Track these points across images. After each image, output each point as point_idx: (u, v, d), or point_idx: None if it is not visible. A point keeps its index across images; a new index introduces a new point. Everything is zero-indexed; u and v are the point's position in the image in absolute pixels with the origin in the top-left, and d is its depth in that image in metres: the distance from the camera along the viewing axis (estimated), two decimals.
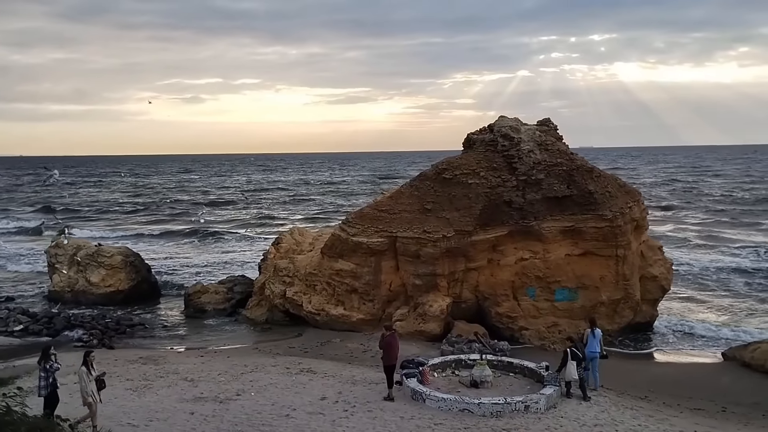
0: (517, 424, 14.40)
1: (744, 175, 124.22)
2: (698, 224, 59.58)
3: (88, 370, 13.56)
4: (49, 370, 13.51)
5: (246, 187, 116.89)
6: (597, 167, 25.71)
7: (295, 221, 65.46)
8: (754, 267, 38.33)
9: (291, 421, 14.61)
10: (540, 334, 23.98)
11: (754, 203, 74.54)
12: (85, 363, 13.66)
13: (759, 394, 18.55)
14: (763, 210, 68.07)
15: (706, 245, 47.48)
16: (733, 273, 36.98)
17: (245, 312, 28.87)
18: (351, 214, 27.17)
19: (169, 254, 47.82)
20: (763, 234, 52.61)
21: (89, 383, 13.36)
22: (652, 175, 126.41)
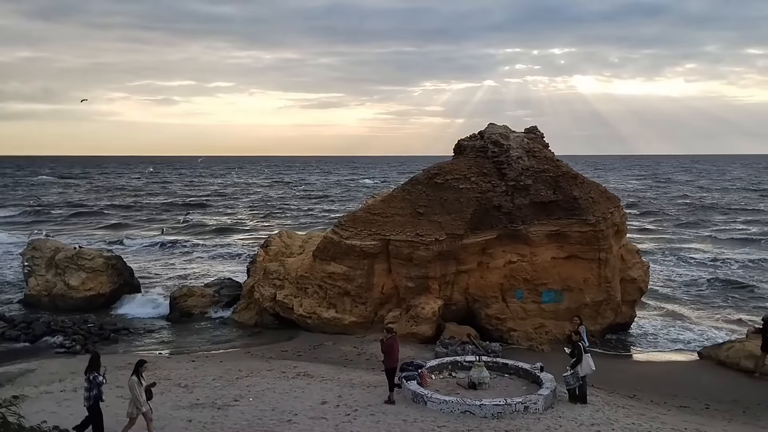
0: (518, 425, 14.78)
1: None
2: (664, 228, 61.18)
3: (139, 380, 13.52)
4: (93, 382, 13.33)
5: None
6: (581, 174, 26.32)
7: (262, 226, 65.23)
8: (714, 272, 39.40)
9: (294, 427, 14.76)
10: (528, 335, 24.51)
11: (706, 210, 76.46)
12: (136, 372, 13.60)
13: (737, 391, 19.31)
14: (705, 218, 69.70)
15: (668, 248, 48.80)
16: (696, 275, 38.18)
17: (233, 315, 28.84)
18: (343, 217, 27.41)
19: (150, 259, 47.33)
20: (721, 239, 54.23)
21: (140, 394, 13.31)
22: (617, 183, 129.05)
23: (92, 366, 13.51)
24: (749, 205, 79.15)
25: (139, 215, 77.15)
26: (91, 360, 13.70)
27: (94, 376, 13.36)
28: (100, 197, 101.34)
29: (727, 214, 70.99)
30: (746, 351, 21.15)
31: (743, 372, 20.74)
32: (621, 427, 14.83)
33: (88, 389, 13.33)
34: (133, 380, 13.43)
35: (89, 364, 13.61)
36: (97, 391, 13.34)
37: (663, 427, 15.09)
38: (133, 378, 13.48)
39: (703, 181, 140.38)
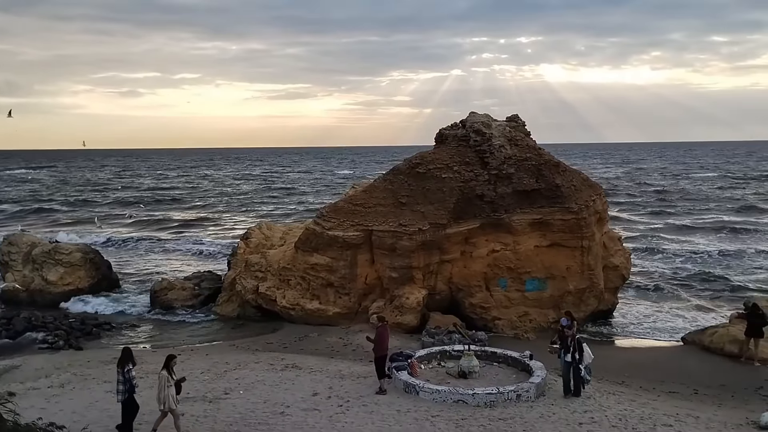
0: (511, 413, 14.84)
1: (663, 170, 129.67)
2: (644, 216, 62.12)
3: (169, 374, 13.29)
4: (126, 375, 13.32)
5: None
6: (563, 162, 26.46)
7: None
8: (690, 259, 40.13)
9: (287, 419, 14.64)
10: (512, 323, 24.62)
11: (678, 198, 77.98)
12: (166, 367, 13.38)
13: (723, 376, 19.62)
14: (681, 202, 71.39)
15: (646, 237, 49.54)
16: (672, 262, 38.84)
17: (215, 308, 28.48)
18: (325, 208, 27.18)
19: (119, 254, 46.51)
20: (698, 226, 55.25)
21: (169, 388, 13.10)
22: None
23: (126, 359, 13.52)
24: (721, 193, 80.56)
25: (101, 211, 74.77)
26: (125, 353, 13.70)
27: (128, 369, 13.38)
28: (64, 192, 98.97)
29: (698, 201, 72.22)
30: (730, 336, 21.49)
31: (728, 357, 21.05)
32: (614, 414, 14.96)
33: (122, 383, 13.34)
34: (163, 375, 13.23)
35: (122, 357, 13.58)
36: (130, 385, 13.40)
37: (655, 412, 15.27)
38: (163, 373, 13.28)
39: (677, 167, 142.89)
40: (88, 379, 17.63)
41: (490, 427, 14.09)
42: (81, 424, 13.42)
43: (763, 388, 18.38)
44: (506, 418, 14.54)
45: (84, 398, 15.86)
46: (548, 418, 14.65)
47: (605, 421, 14.57)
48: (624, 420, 14.62)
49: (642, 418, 14.78)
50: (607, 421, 14.57)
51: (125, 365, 13.45)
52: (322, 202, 75.28)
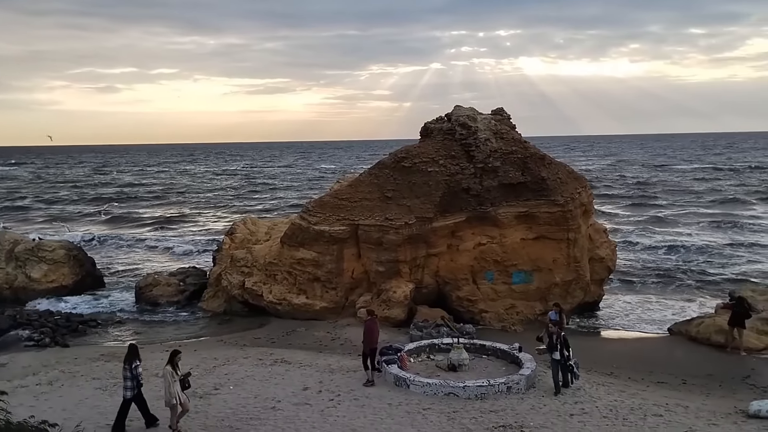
0: (502, 405, 14.90)
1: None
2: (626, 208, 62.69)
3: (174, 370, 13.15)
4: (133, 371, 13.36)
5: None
6: (548, 155, 26.54)
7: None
8: (673, 250, 40.60)
9: (279, 413, 14.59)
10: (499, 316, 24.70)
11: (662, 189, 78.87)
12: (170, 362, 13.26)
13: (710, 365, 19.83)
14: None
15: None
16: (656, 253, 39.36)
17: (201, 304, 28.24)
18: (310, 203, 27.04)
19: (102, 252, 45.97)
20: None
21: (174, 383, 12.97)
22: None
23: (133, 355, 13.57)
24: (702, 185, 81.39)
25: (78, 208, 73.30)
26: (131, 350, 13.77)
27: (135, 365, 13.45)
28: (40, 189, 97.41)
29: (680, 193, 72.91)
30: (716, 326, 21.70)
31: (714, 347, 21.25)
32: (604, 405, 15.07)
33: (130, 379, 13.43)
34: (168, 370, 13.13)
35: (129, 354, 13.64)
36: (138, 381, 13.53)
37: (644, 403, 15.40)
38: (167, 368, 13.18)
39: (658, 159, 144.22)
40: (77, 376, 17.41)
41: (481, 420, 14.13)
42: (72, 421, 13.24)
43: (749, 377, 18.61)
44: (497, 410, 14.60)
45: (73, 395, 15.66)
46: (539, 410, 14.73)
47: (596, 411, 14.68)
48: (614, 411, 14.74)
49: (632, 409, 14.90)
50: (597, 411, 14.67)
51: (132, 361, 13.48)
52: (304, 197, 75.01)
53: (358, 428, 13.70)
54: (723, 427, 14.03)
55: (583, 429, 13.67)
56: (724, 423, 14.29)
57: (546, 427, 13.75)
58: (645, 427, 13.85)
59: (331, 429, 13.68)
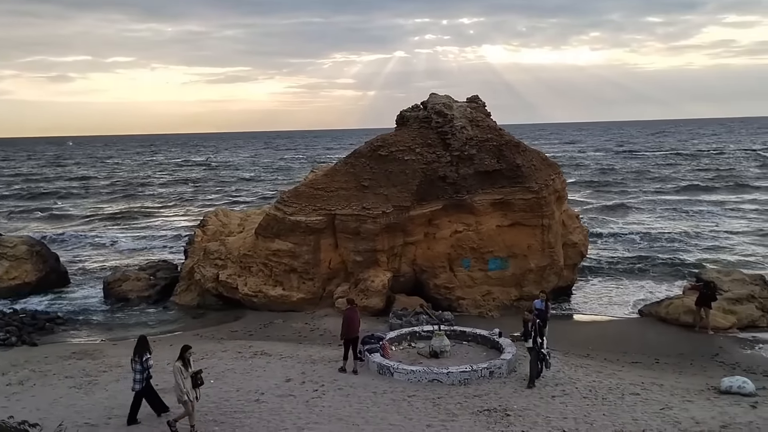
0: (486, 389, 15.06)
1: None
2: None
3: (184, 366, 12.77)
4: (144, 364, 13.17)
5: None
6: (522, 142, 26.77)
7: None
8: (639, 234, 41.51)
9: (263, 406, 14.47)
10: (476, 302, 24.92)
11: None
12: (181, 358, 12.88)
13: (681, 345, 20.39)
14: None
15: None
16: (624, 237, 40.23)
17: (174, 298, 27.81)
18: (285, 193, 26.81)
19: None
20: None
21: (185, 380, 12.61)
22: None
23: (143, 348, 13.41)
24: (665, 171, 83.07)
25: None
26: (141, 342, 13.62)
27: (146, 358, 13.30)
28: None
29: (642, 181, 74.28)
30: (685, 307, 22.30)
31: (683, 327, 21.87)
32: (584, 386, 15.36)
33: (140, 371, 13.29)
34: (177, 366, 12.73)
35: (139, 346, 13.49)
36: (148, 373, 13.40)
37: (621, 382, 15.75)
38: (177, 364, 12.78)
39: (620, 146, 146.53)
40: (48, 375, 17.01)
41: (466, 404, 14.25)
42: (49, 421, 12.89)
43: (718, 355, 19.19)
44: (481, 395, 14.75)
45: (47, 395, 15.30)
46: (521, 393, 14.93)
47: (576, 392, 14.94)
48: (594, 391, 15.04)
49: (610, 389, 15.22)
50: (578, 392, 14.95)
51: (143, 354, 13.29)
52: (271, 189, 74.47)
53: (344, 417, 13.68)
54: (697, 403, 14.40)
55: (565, 410, 13.89)
56: (698, 399, 14.69)
57: (529, 409, 13.93)
58: (623, 406, 14.15)
59: (317, 419, 13.63)
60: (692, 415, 13.47)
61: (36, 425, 11.29)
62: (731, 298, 22.53)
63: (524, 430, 12.86)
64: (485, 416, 13.57)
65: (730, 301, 22.39)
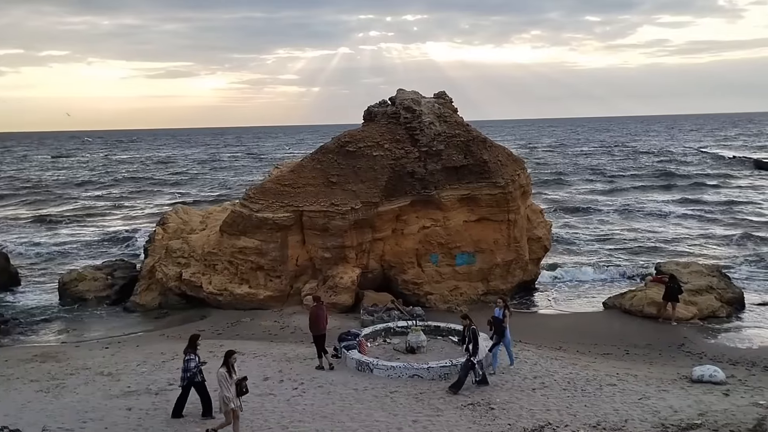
0: (467, 384, 15.05)
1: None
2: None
3: (229, 373, 12.06)
4: (185, 363, 13.11)
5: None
6: (489, 138, 26.99)
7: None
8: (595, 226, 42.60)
9: (244, 405, 14.01)
10: (444, 297, 25.03)
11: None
12: (225, 364, 12.18)
13: (647, 336, 20.95)
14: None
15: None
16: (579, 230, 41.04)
17: (134, 298, 26.91)
18: (251, 190, 26.29)
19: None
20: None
21: (230, 387, 11.93)
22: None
23: (189, 347, 13.23)
24: (611, 166, 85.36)
25: None
26: (189, 340, 13.43)
27: (188, 358, 13.00)
28: None
29: (588, 177, 76.11)
30: (648, 298, 22.92)
31: (647, 318, 22.47)
32: (562, 378, 15.58)
33: (183, 370, 13.09)
34: (222, 373, 12.06)
35: (188, 344, 13.33)
36: (191, 373, 13.05)
37: (597, 374, 16.05)
38: (221, 371, 12.10)
39: (565, 141, 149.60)
40: (12, 379, 16.23)
41: (449, 399, 14.29)
42: (21, 426, 12.27)
43: (684, 345, 19.80)
44: (463, 390, 14.76)
45: (13, 399, 14.58)
46: (502, 386, 15.06)
47: (555, 385, 15.16)
48: (572, 383, 15.28)
49: (588, 380, 15.50)
50: (557, 384, 15.16)
51: (187, 353, 13.04)
52: (223, 187, 72.98)
53: (328, 415, 13.50)
54: (672, 392, 14.79)
55: (547, 402, 14.07)
56: (672, 389, 15.08)
57: (512, 402, 14.05)
58: (603, 397, 14.42)
59: (300, 417, 13.42)
60: (670, 404, 13.82)
61: (17, 431, 10.78)
62: (691, 289, 23.25)
63: (510, 423, 12.96)
64: (470, 410, 13.63)
65: (690, 293, 23.09)
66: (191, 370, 13.01)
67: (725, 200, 53.60)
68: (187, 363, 13.07)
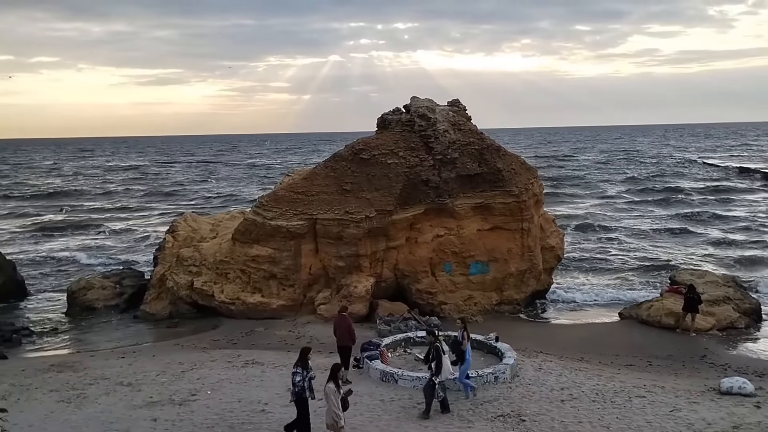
0: (494, 395, 14.90)
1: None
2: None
3: (337, 388, 11.75)
4: (292, 377, 12.48)
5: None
6: (503, 146, 26.90)
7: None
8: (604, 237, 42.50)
9: (271, 416, 13.96)
10: (458, 307, 24.82)
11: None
12: (332, 378, 11.81)
13: (667, 346, 20.77)
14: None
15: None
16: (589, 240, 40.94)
17: (144, 307, 26.63)
18: (264, 197, 26.12)
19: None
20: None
21: (337, 403, 11.63)
22: None
23: (299, 360, 12.73)
24: (608, 176, 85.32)
25: None
26: (301, 353, 12.93)
27: (294, 372, 12.51)
28: None
29: (590, 187, 76.00)
30: (666, 309, 22.76)
31: (665, 329, 22.28)
32: (589, 389, 15.39)
33: (293, 383, 12.48)
34: (331, 388, 11.75)
35: (299, 358, 12.81)
36: (300, 388, 12.33)
37: (624, 385, 15.86)
38: (330, 386, 11.78)
39: (559, 152, 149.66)
40: (31, 389, 15.94)
41: (478, 410, 14.09)
42: None
43: (706, 357, 19.63)
44: (491, 400, 14.59)
45: (36, 410, 14.30)
46: (530, 398, 14.84)
47: (584, 396, 14.96)
48: (601, 394, 15.09)
49: (616, 392, 15.30)
50: (585, 396, 14.96)
51: (296, 366, 12.56)
52: (223, 196, 72.54)
53: (357, 426, 13.28)
54: (703, 404, 14.61)
55: (578, 414, 13.87)
56: (702, 401, 14.90)
57: (543, 414, 13.85)
58: (633, 409, 14.23)
59: None
60: (702, 417, 13.65)
61: None
62: (708, 299, 23.07)
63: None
64: (501, 422, 13.43)
65: (708, 303, 22.92)
66: (297, 384, 12.41)
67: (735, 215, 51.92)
68: (293, 377, 12.53)
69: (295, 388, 12.41)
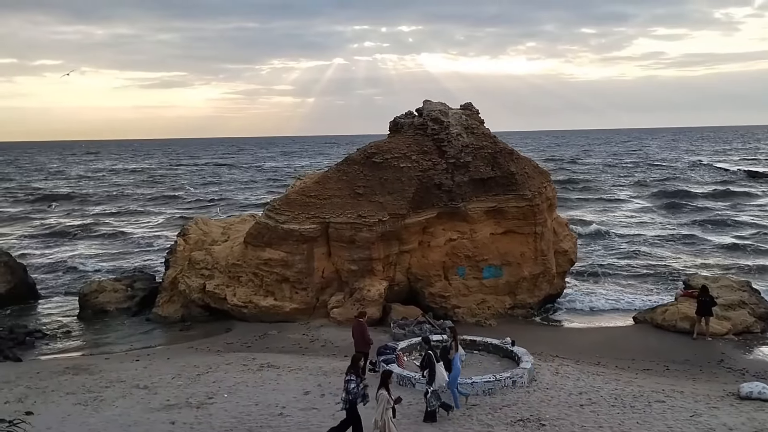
0: (512, 399, 14.84)
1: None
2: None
3: (389, 395, 11.71)
4: (345, 384, 12.36)
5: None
6: (516, 150, 26.83)
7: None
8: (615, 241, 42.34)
9: (289, 420, 13.92)
10: (471, 311, 24.74)
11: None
12: (384, 385, 11.80)
13: (683, 351, 20.61)
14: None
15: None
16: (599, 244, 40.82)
17: (156, 310, 26.63)
18: (276, 201, 26.12)
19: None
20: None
21: (388, 410, 11.59)
22: None
23: (350, 367, 12.64)
24: (618, 180, 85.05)
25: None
26: (353, 360, 12.93)
27: (347, 379, 12.35)
28: None
29: (599, 190, 75.76)
30: (681, 313, 22.61)
31: (680, 333, 22.13)
32: (608, 394, 15.30)
33: (345, 390, 12.37)
34: (384, 396, 11.71)
35: (350, 365, 12.75)
36: (352, 395, 12.23)
37: (643, 390, 15.75)
38: (383, 393, 11.75)
39: (567, 154, 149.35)
40: (47, 392, 15.95)
41: (497, 415, 14.01)
42: None
43: (723, 361, 19.48)
44: (510, 405, 14.52)
45: (53, 413, 14.31)
46: (549, 402, 14.77)
47: (603, 401, 14.87)
48: (620, 399, 15.00)
49: (635, 396, 15.21)
50: (604, 401, 14.88)
51: (348, 373, 12.46)
52: (233, 201, 72.45)
53: None
54: (723, 409, 14.50)
55: (598, 419, 13.78)
56: (722, 406, 14.78)
57: (562, 419, 13.77)
58: (653, 414, 14.13)
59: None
60: (723, 422, 13.54)
61: None
62: (723, 304, 22.94)
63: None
64: (521, 426, 13.36)
65: (723, 307, 22.79)
66: (351, 392, 12.26)
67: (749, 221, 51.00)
68: (346, 384, 12.37)
69: (349, 395, 12.29)
